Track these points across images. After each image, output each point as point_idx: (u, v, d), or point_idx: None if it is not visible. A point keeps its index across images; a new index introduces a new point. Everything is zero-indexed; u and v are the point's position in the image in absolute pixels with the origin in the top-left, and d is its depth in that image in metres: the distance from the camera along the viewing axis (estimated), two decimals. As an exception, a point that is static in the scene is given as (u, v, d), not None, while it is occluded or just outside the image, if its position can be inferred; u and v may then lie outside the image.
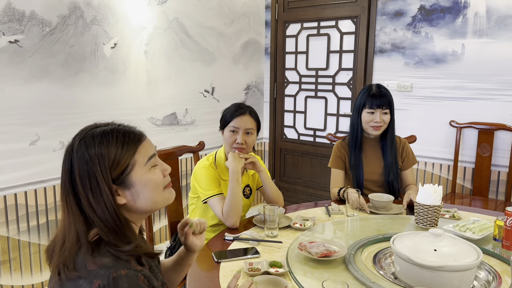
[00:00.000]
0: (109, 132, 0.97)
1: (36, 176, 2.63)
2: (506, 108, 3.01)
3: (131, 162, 0.97)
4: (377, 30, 3.51)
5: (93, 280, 0.86)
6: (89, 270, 0.88)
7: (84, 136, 0.97)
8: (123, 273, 0.88)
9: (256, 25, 4.14)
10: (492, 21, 2.99)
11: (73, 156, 0.94)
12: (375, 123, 2.20)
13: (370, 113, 2.21)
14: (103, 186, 0.93)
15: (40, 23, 2.54)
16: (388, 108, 2.21)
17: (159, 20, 3.23)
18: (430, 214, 1.76)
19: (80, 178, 0.93)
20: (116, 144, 0.95)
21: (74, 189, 0.94)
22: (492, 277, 1.39)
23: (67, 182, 0.95)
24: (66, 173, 0.95)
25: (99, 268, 0.88)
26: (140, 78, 3.16)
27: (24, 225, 2.61)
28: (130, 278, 0.88)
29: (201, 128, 3.65)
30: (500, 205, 2.96)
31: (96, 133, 0.97)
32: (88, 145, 0.94)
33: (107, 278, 0.86)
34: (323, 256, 1.46)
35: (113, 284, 0.85)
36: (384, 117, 2.21)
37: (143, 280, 0.91)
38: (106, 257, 0.90)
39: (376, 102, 2.19)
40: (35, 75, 2.56)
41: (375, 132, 2.23)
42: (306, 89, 4.05)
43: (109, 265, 0.88)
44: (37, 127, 2.61)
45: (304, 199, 4.14)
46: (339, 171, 2.33)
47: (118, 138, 0.96)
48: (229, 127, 1.95)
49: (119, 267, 0.88)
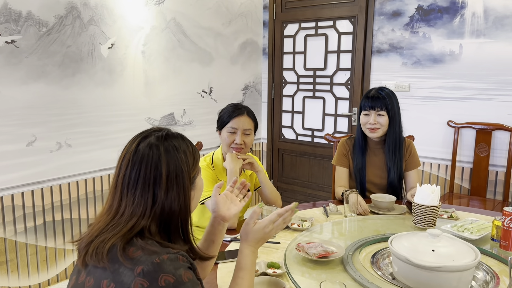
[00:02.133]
0: (183, 139, 1.09)
1: (33, 177, 2.62)
2: (503, 108, 3.01)
3: (198, 170, 1.10)
4: (375, 30, 3.51)
5: (135, 267, 0.90)
6: (131, 258, 0.92)
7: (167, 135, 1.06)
8: (165, 257, 0.92)
9: (253, 25, 4.13)
10: (489, 21, 3.00)
11: (160, 154, 1.01)
12: (370, 125, 2.19)
13: (365, 115, 2.21)
14: (187, 181, 1.03)
15: (37, 24, 2.53)
16: (384, 110, 2.18)
17: (156, 20, 3.22)
18: (428, 214, 1.76)
19: (168, 174, 1.00)
20: (192, 151, 1.08)
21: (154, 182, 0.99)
22: (490, 277, 1.38)
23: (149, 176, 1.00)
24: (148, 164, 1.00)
25: (140, 256, 0.92)
26: (137, 79, 3.15)
27: (21, 226, 2.59)
28: (172, 260, 0.92)
29: (199, 129, 3.64)
30: (498, 205, 2.96)
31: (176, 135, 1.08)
32: (176, 147, 1.04)
33: (151, 263, 0.90)
34: (321, 257, 1.45)
35: (158, 268, 0.90)
36: (379, 118, 2.18)
37: (182, 259, 0.95)
38: (148, 245, 0.94)
39: (370, 103, 2.19)
40: (32, 75, 2.55)
41: (371, 134, 2.21)
42: (304, 89, 4.05)
43: (150, 252, 0.92)
44: (34, 128, 2.60)
45: (302, 199, 4.14)
46: (343, 169, 2.31)
47: (189, 146, 1.08)
48: (227, 128, 1.95)
49: (161, 253, 0.93)
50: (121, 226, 0.96)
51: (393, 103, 2.20)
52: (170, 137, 1.06)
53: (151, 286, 0.89)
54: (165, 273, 0.90)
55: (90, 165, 2.91)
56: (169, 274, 0.90)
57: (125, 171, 1.02)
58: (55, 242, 2.78)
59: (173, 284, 0.90)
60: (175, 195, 1.00)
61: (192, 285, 0.93)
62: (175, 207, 1.00)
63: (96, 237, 0.97)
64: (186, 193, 1.03)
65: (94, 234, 0.98)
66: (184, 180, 1.02)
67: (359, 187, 2.27)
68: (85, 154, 2.87)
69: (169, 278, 0.90)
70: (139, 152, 1.02)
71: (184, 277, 0.92)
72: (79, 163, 2.85)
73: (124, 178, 1.01)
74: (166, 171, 1.00)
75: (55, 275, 2.80)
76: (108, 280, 0.92)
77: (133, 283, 0.89)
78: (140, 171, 1.00)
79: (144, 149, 1.02)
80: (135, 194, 0.99)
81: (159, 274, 0.89)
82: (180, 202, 1.01)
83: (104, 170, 3.00)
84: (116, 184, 1.03)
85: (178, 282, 0.91)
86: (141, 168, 1.00)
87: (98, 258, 0.94)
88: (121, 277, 0.90)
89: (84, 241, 1.00)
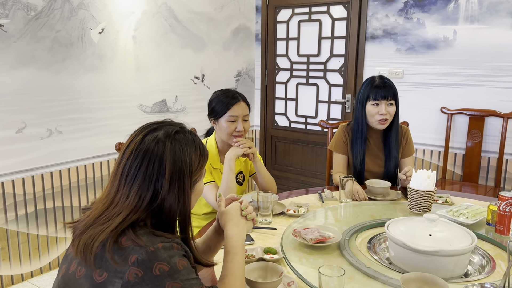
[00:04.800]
0: (194, 140, 1.06)
1: (24, 165, 2.58)
2: (496, 94, 3.02)
3: (202, 174, 1.09)
4: (369, 16, 3.48)
5: (128, 256, 0.89)
6: (124, 248, 0.90)
7: (175, 134, 1.03)
8: (160, 245, 0.91)
9: (246, 10, 4.08)
10: (483, 7, 2.98)
11: (165, 151, 0.99)
12: (381, 116, 2.11)
13: (375, 105, 2.12)
14: (188, 186, 1.01)
15: (25, 7, 2.47)
16: (394, 99, 2.13)
17: (147, 4, 3.16)
18: (423, 199, 1.76)
19: (171, 174, 0.98)
20: (199, 154, 1.06)
21: (157, 179, 0.98)
22: (486, 261, 1.39)
23: (151, 172, 0.97)
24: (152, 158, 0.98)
25: (133, 245, 0.90)
26: (128, 64, 3.10)
27: (12, 214, 2.56)
28: (166, 248, 0.92)
29: (192, 116, 3.61)
30: (490, 190, 2.99)
31: (189, 139, 1.05)
32: (182, 148, 1.01)
33: (145, 252, 0.89)
34: (317, 242, 1.45)
35: (153, 257, 0.89)
36: (390, 108, 2.12)
37: (176, 247, 0.94)
38: (140, 235, 0.93)
39: (381, 93, 2.10)
40: (20, 60, 2.49)
41: (381, 127, 2.15)
42: (297, 76, 4.02)
43: (144, 241, 0.91)
44: (24, 115, 2.55)
45: (296, 186, 4.14)
46: (342, 156, 2.28)
47: (198, 149, 1.06)
48: (226, 117, 1.92)
49: (155, 241, 0.92)
50: (112, 220, 0.94)
51: (397, 92, 2.16)
52: (180, 135, 1.03)
53: (146, 275, 0.87)
54: (160, 261, 0.89)
55: (82, 152, 2.87)
56: (164, 262, 0.89)
57: (126, 160, 0.99)
58: (47, 230, 2.75)
59: (167, 272, 0.89)
60: (175, 197, 0.98)
61: (187, 272, 0.92)
62: (175, 208, 0.99)
63: (89, 227, 0.95)
64: (186, 197, 1.01)
65: (88, 222, 0.96)
66: (185, 184, 1.00)
67: (356, 175, 2.25)
68: (76, 141, 2.83)
69: (163, 266, 0.89)
70: (143, 144, 0.99)
71: (179, 264, 0.91)
72: (70, 150, 2.81)
73: (124, 168, 0.99)
74: (170, 170, 0.98)
75: (47, 263, 2.77)
76: (100, 270, 0.90)
77: (128, 272, 0.87)
78: (141, 165, 0.98)
79: (150, 143, 0.99)
80: (132, 188, 0.97)
81: (154, 262, 0.88)
82: (179, 205, 1.00)
83: (96, 158, 2.96)
84: (116, 171, 1.01)
85: (173, 270, 0.90)
86: (142, 162, 0.98)
87: (86, 258, 0.92)
88: (114, 266, 0.89)
89: (78, 229, 0.97)
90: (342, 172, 2.27)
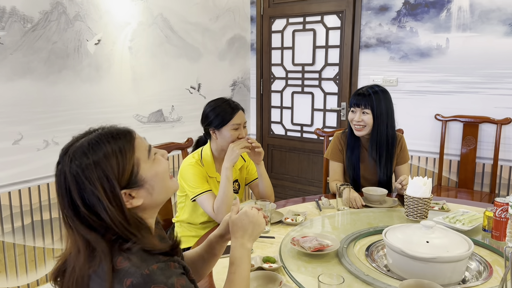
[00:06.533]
0: (98, 140, 0.91)
1: (20, 176, 2.57)
2: (490, 101, 3.05)
3: (135, 162, 0.93)
4: (363, 25, 3.52)
5: (123, 279, 0.85)
6: (118, 270, 0.86)
7: (73, 154, 0.90)
8: (155, 267, 0.87)
9: (241, 20, 4.11)
10: (475, 15, 3.03)
11: (67, 178, 0.89)
12: (356, 122, 2.17)
13: (352, 111, 2.20)
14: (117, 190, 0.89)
15: (21, 20, 2.48)
16: (369, 109, 2.13)
17: (143, 15, 3.18)
18: (420, 206, 1.77)
19: (82, 199, 0.88)
20: (112, 150, 0.91)
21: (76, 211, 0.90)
22: (483, 267, 1.40)
23: (67, 207, 0.90)
24: (63, 197, 0.90)
25: (128, 267, 0.86)
26: (125, 75, 3.11)
27: (9, 226, 2.55)
28: (162, 269, 0.87)
29: (188, 125, 3.61)
30: (485, 196, 3.01)
31: (85, 146, 0.91)
32: (81, 163, 0.88)
33: (140, 275, 0.85)
34: (316, 250, 1.45)
35: (149, 279, 0.85)
36: (364, 116, 2.15)
37: (173, 265, 0.90)
38: (134, 256, 0.88)
39: (355, 101, 2.18)
40: (17, 72, 2.50)
41: (357, 133, 2.19)
42: (292, 84, 4.05)
43: (138, 263, 0.87)
44: (20, 126, 2.55)
45: (292, 194, 4.15)
46: (338, 164, 2.30)
47: (110, 143, 0.91)
48: (230, 125, 1.95)
49: (150, 262, 0.87)
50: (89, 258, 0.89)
51: (380, 102, 2.14)
52: (78, 153, 0.90)
53: None
54: (156, 284, 0.85)
55: (78, 163, 2.86)
56: (161, 284, 0.85)
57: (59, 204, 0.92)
58: (44, 242, 2.73)
59: None
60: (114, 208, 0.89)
61: None
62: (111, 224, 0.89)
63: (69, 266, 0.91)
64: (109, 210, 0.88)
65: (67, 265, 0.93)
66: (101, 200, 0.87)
67: (352, 182, 2.27)
68: (73, 152, 2.82)
69: None
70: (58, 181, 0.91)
71: (177, 285, 0.87)
72: (67, 161, 2.80)
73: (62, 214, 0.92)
74: (80, 199, 0.88)
75: (44, 275, 2.75)
76: None
77: None
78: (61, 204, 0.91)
79: (57, 179, 0.91)
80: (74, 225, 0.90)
81: (150, 285, 0.85)
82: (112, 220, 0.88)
83: (93, 168, 2.95)
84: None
85: None
86: (60, 200, 0.91)
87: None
88: None
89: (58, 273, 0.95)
90: (339, 180, 2.28)
